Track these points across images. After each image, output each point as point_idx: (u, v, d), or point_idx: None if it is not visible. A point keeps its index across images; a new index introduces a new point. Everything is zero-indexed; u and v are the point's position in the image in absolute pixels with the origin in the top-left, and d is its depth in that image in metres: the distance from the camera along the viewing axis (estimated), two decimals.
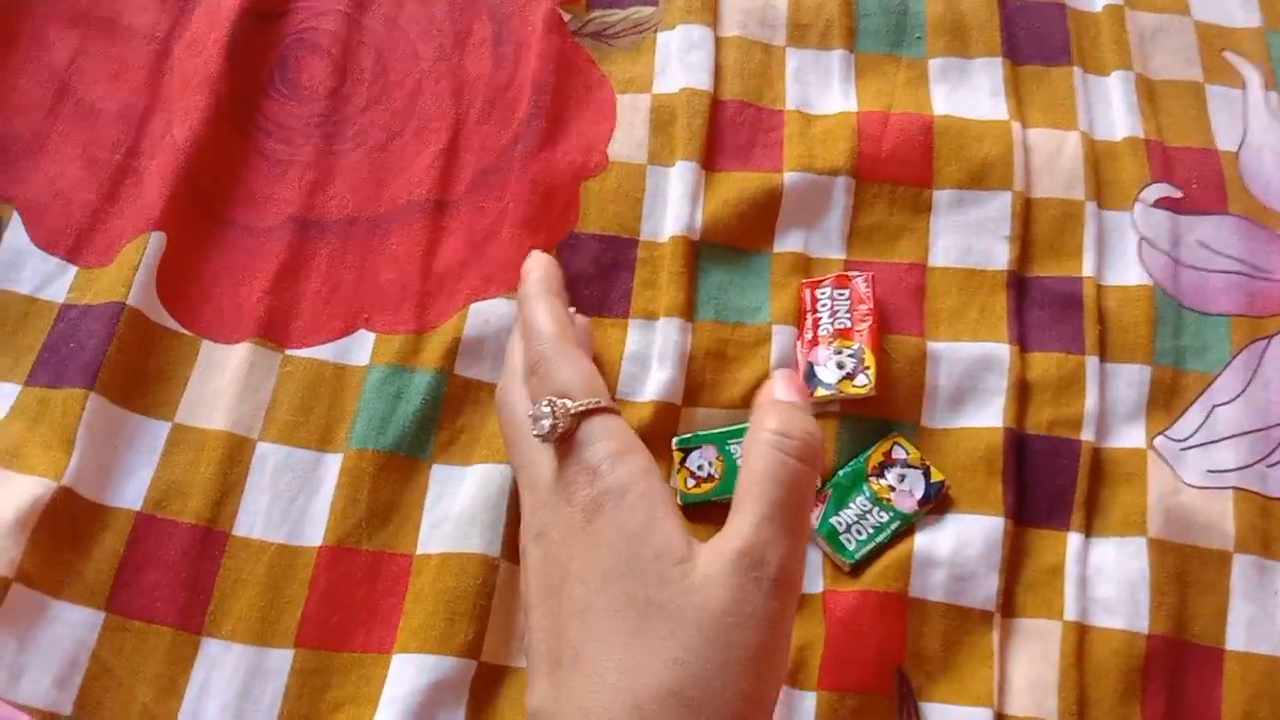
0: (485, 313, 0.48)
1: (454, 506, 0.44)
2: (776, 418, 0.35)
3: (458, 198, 0.51)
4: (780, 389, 0.37)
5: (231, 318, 0.48)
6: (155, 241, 0.47)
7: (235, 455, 0.45)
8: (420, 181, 0.51)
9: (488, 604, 0.42)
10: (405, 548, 0.44)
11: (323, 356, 0.47)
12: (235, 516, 0.44)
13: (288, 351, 0.47)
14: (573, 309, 0.46)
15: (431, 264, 0.49)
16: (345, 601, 0.43)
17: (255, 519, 0.44)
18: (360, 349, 0.47)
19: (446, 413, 0.46)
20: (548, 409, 0.35)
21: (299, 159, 0.51)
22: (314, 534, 0.44)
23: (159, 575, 0.43)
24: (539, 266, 0.42)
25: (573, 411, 0.35)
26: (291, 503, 0.44)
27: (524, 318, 0.40)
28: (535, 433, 0.35)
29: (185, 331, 0.47)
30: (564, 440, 0.35)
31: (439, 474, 0.45)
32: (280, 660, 0.42)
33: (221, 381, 0.46)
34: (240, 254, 0.49)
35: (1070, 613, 0.44)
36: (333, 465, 0.45)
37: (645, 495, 0.33)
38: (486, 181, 0.51)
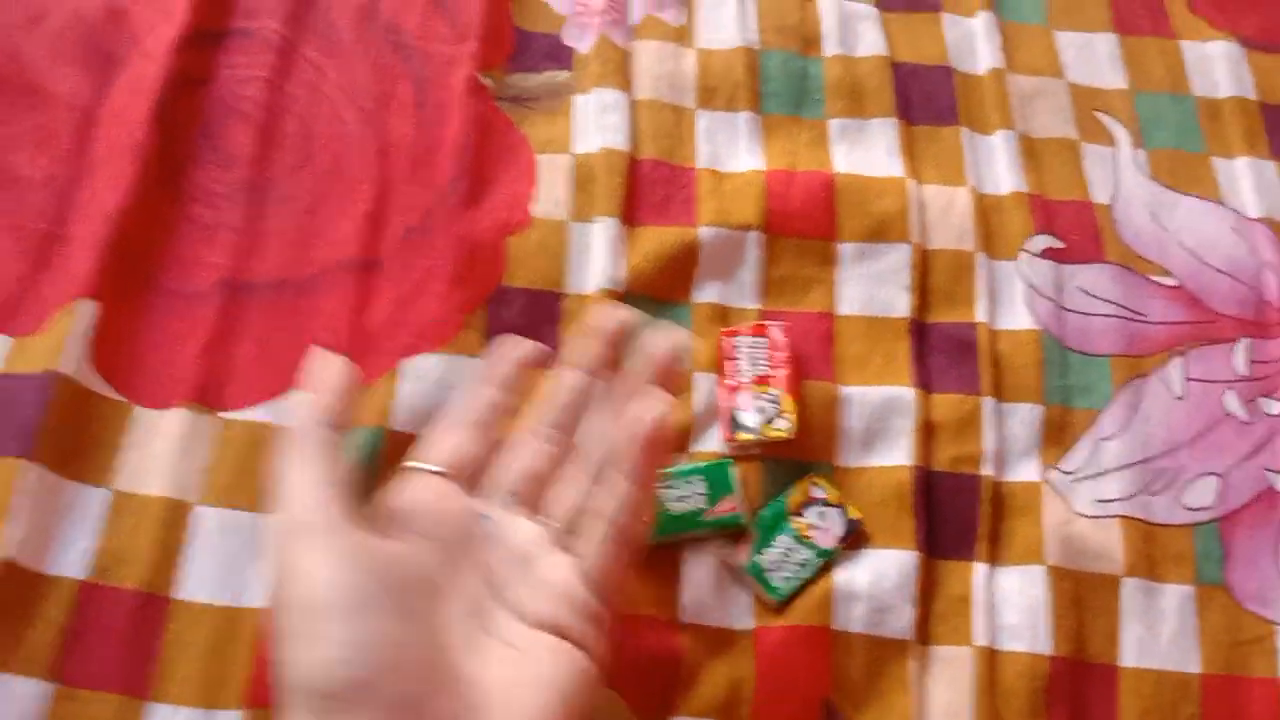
0: (416, 368, 0.49)
1: None
2: None
3: (386, 257, 0.52)
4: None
5: (165, 382, 0.48)
6: (87, 309, 0.47)
7: (175, 519, 0.45)
8: (348, 242, 0.52)
9: None
10: None
11: (259, 418, 0.48)
12: (178, 581, 0.44)
13: (223, 414, 0.48)
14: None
15: (362, 323, 0.50)
16: None
17: (198, 583, 0.44)
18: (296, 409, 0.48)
19: (384, 468, 0.47)
20: None
21: (226, 223, 0.52)
22: (256, 595, 0.44)
23: (104, 642, 0.42)
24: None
25: None
26: (233, 565, 0.45)
27: None
28: None
29: (120, 398, 0.47)
30: None
31: None
32: None
33: (159, 446, 0.46)
34: (171, 319, 0.50)
35: (979, 639, 0.46)
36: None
37: None
38: (413, 240, 0.52)
